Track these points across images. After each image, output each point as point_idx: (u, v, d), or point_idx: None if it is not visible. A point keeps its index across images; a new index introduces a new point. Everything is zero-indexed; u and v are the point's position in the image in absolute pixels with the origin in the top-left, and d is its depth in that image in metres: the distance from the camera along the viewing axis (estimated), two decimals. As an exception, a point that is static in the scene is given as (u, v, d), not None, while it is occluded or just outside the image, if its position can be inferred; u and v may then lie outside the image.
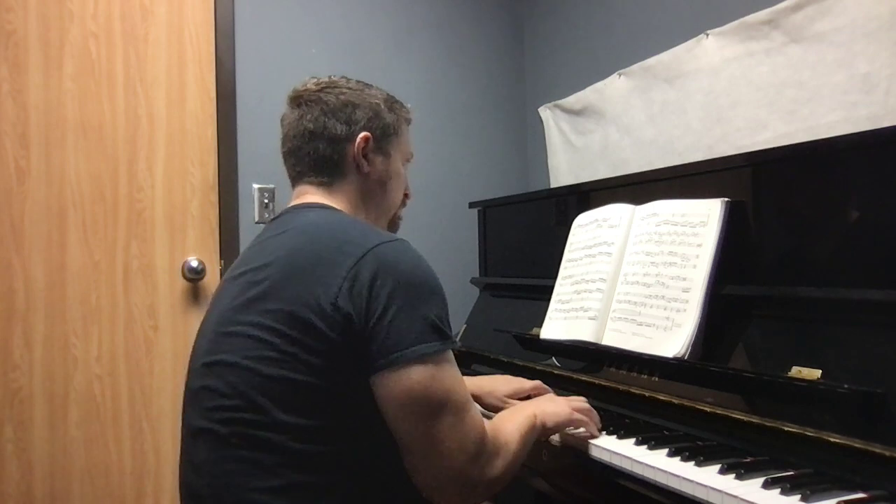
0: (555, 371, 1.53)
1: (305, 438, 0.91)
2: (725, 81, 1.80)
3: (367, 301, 0.91)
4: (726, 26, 1.79)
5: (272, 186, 2.25)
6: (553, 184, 2.51)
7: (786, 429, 1.01)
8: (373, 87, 1.17)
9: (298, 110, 1.13)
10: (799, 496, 0.87)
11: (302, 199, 1.13)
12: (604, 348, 1.39)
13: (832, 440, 0.95)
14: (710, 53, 1.84)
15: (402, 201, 1.23)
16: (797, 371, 1.05)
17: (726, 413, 1.11)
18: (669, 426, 1.21)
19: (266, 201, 2.25)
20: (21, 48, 1.95)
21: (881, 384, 0.94)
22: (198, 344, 1.07)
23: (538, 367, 1.58)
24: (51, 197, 1.98)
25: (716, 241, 1.23)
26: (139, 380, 2.07)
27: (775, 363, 1.11)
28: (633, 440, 1.14)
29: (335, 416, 0.93)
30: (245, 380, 0.93)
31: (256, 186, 2.24)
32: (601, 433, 1.20)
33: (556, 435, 1.23)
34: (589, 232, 1.56)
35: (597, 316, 1.43)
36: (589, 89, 2.32)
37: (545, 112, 2.58)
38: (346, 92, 1.13)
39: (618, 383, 1.35)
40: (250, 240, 1.12)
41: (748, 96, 1.73)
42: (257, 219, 2.24)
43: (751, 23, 1.71)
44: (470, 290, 2.17)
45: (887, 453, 0.88)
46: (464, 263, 2.29)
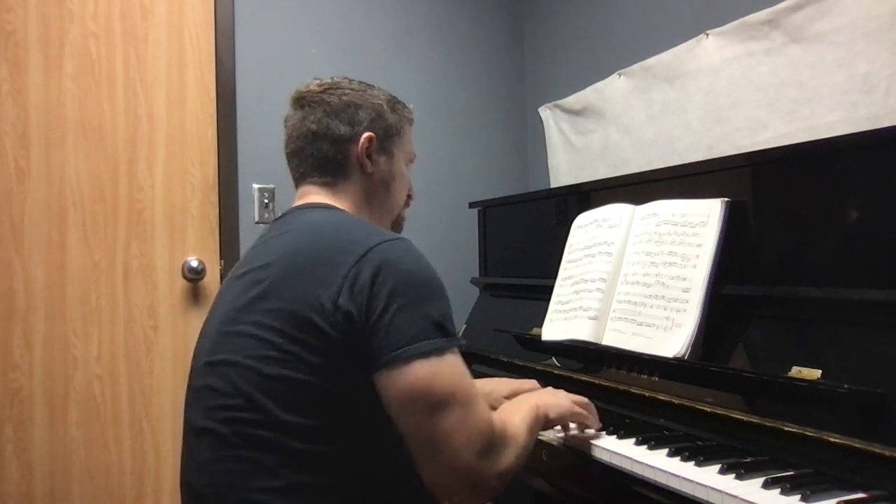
0: (555, 371, 1.53)
1: (306, 438, 0.91)
2: (725, 81, 1.80)
3: (369, 299, 0.91)
4: (726, 26, 1.79)
5: (272, 186, 2.25)
6: (553, 184, 2.51)
7: (786, 429, 1.01)
8: (375, 88, 1.17)
9: (301, 111, 1.13)
10: (799, 496, 0.87)
11: (305, 200, 1.13)
12: (604, 348, 1.39)
13: (832, 440, 0.95)
14: (710, 53, 1.84)
15: (406, 202, 1.23)
16: (797, 371, 1.04)
17: (726, 413, 1.11)
18: (669, 426, 1.21)
19: (266, 201, 2.25)
20: (21, 48, 1.95)
21: (881, 384, 0.94)
22: (200, 343, 1.07)
23: (538, 367, 1.58)
24: (51, 197, 1.98)
25: (716, 241, 1.23)
26: (139, 380, 2.07)
27: (775, 363, 1.11)
28: (633, 440, 1.14)
29: (336, 416, 0.93)
30: (246, 379, 0.93)
31: (256, 186, 2.24)
32: (601, 432, 1.20)
33: (558, 435, 1.23)
34: (588, 232, 1.56)
35: (597, 316, 1.43)
36: (589, 89, 2.32)
37: (545, 112, 2.58)
38: (349, 93, 1.13)
39: (618, 383, 1.35)
40: (250, 240, 1.12)
41: (748, 96, 1.73)
42: (257, 219, 2.24)
43: (751, 23, 1.71)
44: (470, 290, 2.17)
45: (887, 453, 0.88)
46: (464, 263, 2.29)
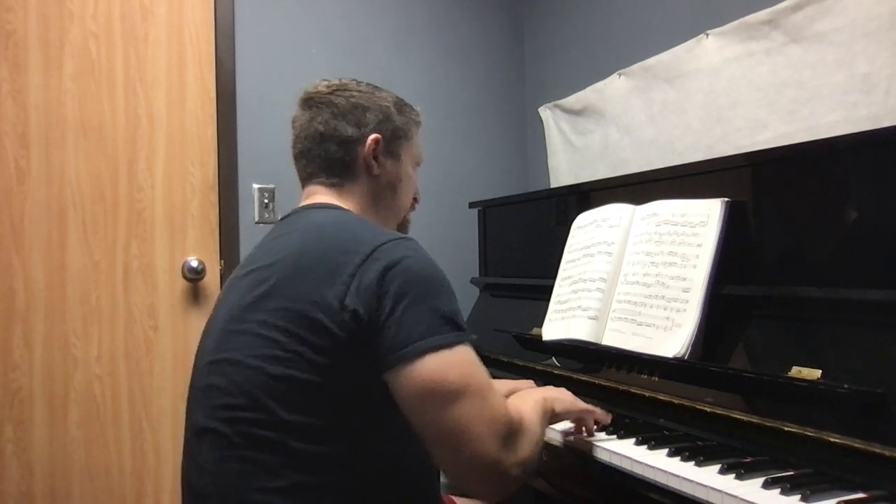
0: (555, 371, 1.53)
1: (308, 438, 0.91)
2: (725, 81, 1.80)
3: (376, 299, 0.91)
4: (726, 26, 1.79)
5: (272, 186, 2.25)
6: (553, 184, 2.51)
7: (786, 429, 1.01)
8: (383, 90, 1.18)
9: (309, 112, 1.13)
10: (799, 496, 0.87)
11: (311, 200, 1.13)
12: (604, 348, 1.39)
13: (832, 440, 0.95)
14: (710, 53, 1.84)
15: (412, 205, 1.23)
16: (797, 371, 1.04)
17: (726, 413, 1.11)
18: (669, 426, 1.21)
19: (266, 201, 2.25)
20: (21, 48, 1.95)
21: (881, 384, 0.94)
22: (204, 342, 1.07)
23: (538, 367, 1.58)
24: (51, 197, 1.98)
25: (716, 241, 1.23)
26: (139, 380, 2.07)
27: (775, 363, 1.11)
28: (633, 440, 1.14)
29: (339, 416, 0.93)
30: (250, 378, 0.93)
31: (256, 186, 2.24)
32: (601, 433, 1.20)
33: (559, 435, 1.23)
34: (588, 232, 1.56)
35: (597, 316, 1.43)
36: (589, 89, 2.32)
37: (545, 112, 2.58)
38: (357, 94, 1.13)
39: (618, 383, 1.35)
40: (250, 240, 1.12)
41: (748, 96, 1.73)
42: (257, 219, 2.24)
43: (751, 23, 1.71)
44: (470, 290, 2.17)
45: (887, 453, 0.88)
46: (464, 263, 2.29)
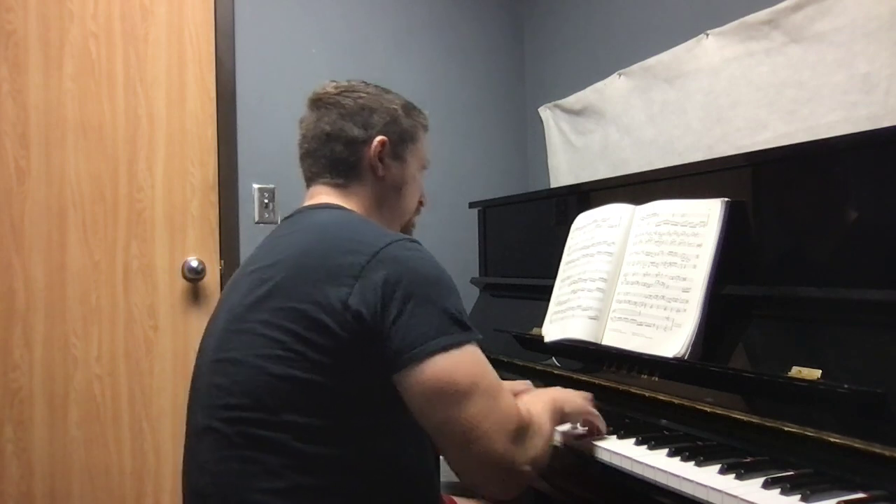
0: (555, 371, 1.53)
1: (310, 439, 0.91)
2: (725, 81, 1.80)
3: (382, 300, 0.91)
4: (726, 26, 1.79)
5: (272, 186, 2.25)
6: (553, 184, 2.51)
7: (786, 429, 1.01)
8: (391, 93, 1.18)
9: (317, 112, 1.13)
10: (799, 496, 0.87)
11: (316, 200, 1.13)
12: (604, 348, 1.39)
13: (832, 440, 0.95)
14: (710, 53, 1.84)
15: (417, 208, 1.23)
16: (797, 371, 1.04)
17: (726, 413, 1.11)
18: (669, 426, 1.21)
19: (266, 201, 2.25)
20: (21, 48, 1.95)
21: (881, 384, 0.94)
22: (206, 342, 1.06)
23: (538, 367, 1.58)
24: (51, 197, 1.98)
25: (716, 241, 1.23)
26: (139, 380, 2.07)
27: (775, 363, 1.11)
28: (633, 440, 1.14)
29: (341, 417, 0.92)
30: (252, 378, 0.93)
31: (256, 186, 2.24)
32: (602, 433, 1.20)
33: (558, 435, 1.23)
34: (587, 233, 1.56)
35: (597, 316, 1.43)
36: (589, 89, 2.32)
37: (545, 112, 2.58)
38: (365, 96, 1.13)
39: (618, 383, 1.35)
40: (250, 240, 1.12)
41: (748, 96, 1.73)
42: (257, 219, 2.24)
43: (751, 23, 1.71)
44: (470, 290, 2.17)
45: (887, 453, 0.88)
46: (464, 263, 2.29)
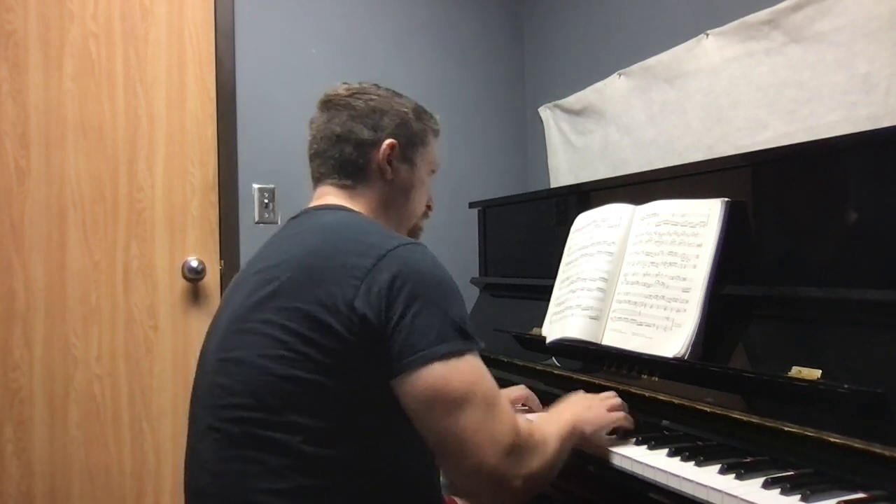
0: (555, 371, 1.53)
1: (314, 441, 0.91)
2: (725, 81, 1.80)
3: (386, 303, 0.90)
4: (726, 26, 1.79)
5: (272, 186, 2.25)
6: (553, 184, 2.51)
7: (786, 429, 1.01)
8: (402, 96, 1.18)
9: (327, 113, 1.13)
10: (799, 496, 0.87)
11: (322, 201, 1.12)
12: (604, 348, 1.39)
13: (832, 440, 0.94)
14: (710, 53, 1.84)
15: (424, 212, 1.23)
16: (797, 371, 1.04)
17: (726, 413, 1.11)
18: (669, 426, 1.21)
19: (266, 201, 2.25)
20: (21, 48, 1.95)
21: (881, 384, 0.94)
22: (209, 341, 1.06)
23: (538, 367, 1.58)
24: (51, 197, 1.98)
25: (716, 241, 1.23)
26: (139, 380, 2.07)
27: (775, 363, 1.11)
28: (633, 440, 1.14)
29: (344, 419, 0.92)
30: (256, 378, 0.93)
31: (256, 186, 2.24)
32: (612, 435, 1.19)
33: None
34: (587, 233, 1.56)
35: (597, 315, 1.43)
36: (589, 89, 2.32)
37: (545, 112, 2.58)
38: (375, 98, 1.14)
39: (618, 383, 1.35)
40: (250, 240, 1.12)
41: (748, 96, 1.73)
42: (257, 219, 2.24)
43: (751, 23, 1.71)
44: (470, 290, 2.16)
45: (887, 453, 0.88)
46: (464, 263, 2.29)
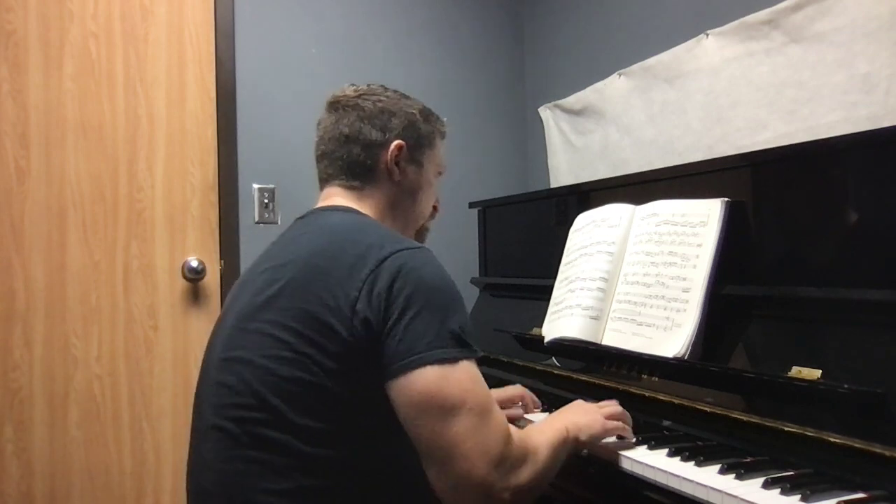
0: (555, 371, 1.53)
1: (315, 442, 0.91)
2: (725, 81, 1.80)
3: (385, 306, 0.90)
4: (726, 26, 1.79)
5: (272, 186, 2.25)
6: (553, 184, 2.51)
7: (786, 429, 1.01)
8: (410, 98, 1.18)
9: (335, 115, 1.13)
10: (799, 496, 0.87)
11: (329, 202, 1.12)
12: (604, 348, 1.39)
13: (832, 440, 0.95)
14: (710, 53, 1.84)
15: (431, 214, 1.23)
16: (797, 371, 1.04)
17: (726, 413, 1.11)
18: (669, 426, 1.21)
19: (266, 201, 2.25)
20: (21, 48, 1.95)
21: (881, 384, 0.94)
22: (214, 339, 1.06)
23: (538, 367, 1.58)
24: (51, 197, 1.98)
25: (716, 241, 1.23)
26: (139, 380, 2.07)
27: (775, 363, 1.11)
28: (633, 440, 1.14)
29: (346, 421, 0.92)
30: (259, 378, 0.93)
31: (256, 186, 2.24)
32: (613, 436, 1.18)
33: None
34: (587, 233, 1.56)
35: (597, 315, 1.42)
36: (589, 89, 2.32)
37: (545, 112, 2.58)
38: (384, 100, 1.14)
39: (618, 383, 1.35)
40: (250, 240, 1.12)
41: (748, 96, 1.73)
42: (257, 219, 2.24)
43: (751, 23, 1.71)
44: (470, 290, 2.16)
45: (887, 453, 0.88)
46: (464, 263, 2.29)
